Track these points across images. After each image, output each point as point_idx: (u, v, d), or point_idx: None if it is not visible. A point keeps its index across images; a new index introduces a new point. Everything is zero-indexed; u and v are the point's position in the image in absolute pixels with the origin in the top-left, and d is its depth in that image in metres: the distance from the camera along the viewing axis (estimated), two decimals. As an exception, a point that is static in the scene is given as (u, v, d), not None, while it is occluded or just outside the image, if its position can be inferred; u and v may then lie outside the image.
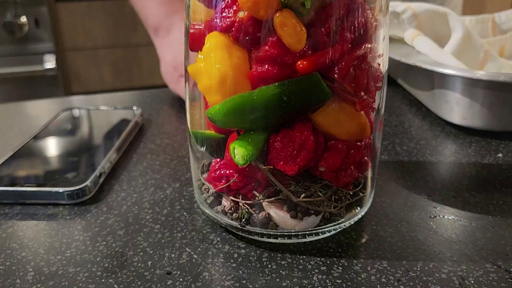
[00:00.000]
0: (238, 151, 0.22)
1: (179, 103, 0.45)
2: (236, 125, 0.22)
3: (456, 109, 0.37)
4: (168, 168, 0.33)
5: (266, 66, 0.20)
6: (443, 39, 0.41)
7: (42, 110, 0.45)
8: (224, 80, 0.21)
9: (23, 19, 1.28)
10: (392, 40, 0.44)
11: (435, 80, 0.37)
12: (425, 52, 0.38)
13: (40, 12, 1.29)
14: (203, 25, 0.23)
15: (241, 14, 0.20)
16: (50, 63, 1.32)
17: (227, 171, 0.24)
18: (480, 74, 0.34)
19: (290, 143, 0.22)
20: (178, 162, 0.34)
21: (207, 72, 0.22)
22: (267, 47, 0.20)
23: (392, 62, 0.40)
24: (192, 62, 0.24)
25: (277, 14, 0.19)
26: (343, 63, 0.21)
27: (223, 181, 0.24)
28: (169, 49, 0.45)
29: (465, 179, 0.31)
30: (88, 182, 0.29)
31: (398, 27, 0.42)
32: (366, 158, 0.24)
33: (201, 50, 0.23)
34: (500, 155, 0.34)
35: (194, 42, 0.23)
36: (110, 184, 0.31)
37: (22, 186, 0.29)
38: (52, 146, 0.35)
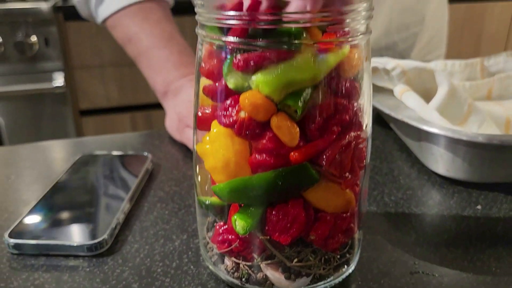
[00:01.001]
0: (239, 223, 0.25)
1: (185, 147, 0.48)
2: (238, 201, 0.26)
3: (441, 161, 0.40)
4: (176, 218, 0.37)
5: (264, 156, 0.24)
6: (431, 92, 0.44)
7: (58, 152, 0.49)
8: (227, 164, 0.25)
9: (33, 38, 1.32)
10: (383, 90, 0.48)
11: (421, 134, 0.41)
12: (412, 107, 0.42)
13: (50, 32, 1.33)
14: (210, 110, 0.26)
15: (242, 114, 0.23)
16: (58, 81, 1.36)
17: (230, 236, 0.27)
18: (460, 134, 0.37)
19: (284, 217, 0.25)
20: (185, 212, 0.37)
21: (212, 155, 0.25)
22: (264, 141, 0.24)
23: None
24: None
25: (274, 118, 0.23)
26: (330, 152, 0.24)
27: (226, 244, 0.28)
28: (175, 107, 0.49)
29: (445, 233, 0.34)
30: (105, 235, 0.33)
31: (389, 81, 0.46)
32: (352, 225, 0.28)
33: (208, 130, 0.26)
34: (479, 207, 0.38)
35: (202, 124, 0.27)
36: (124, 235, 0.34)
37: (46, 239, 0.32)
38: (70, 196, 0.39)
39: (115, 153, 0.46)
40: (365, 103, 0.26)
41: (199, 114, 0.27)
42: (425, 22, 0.69)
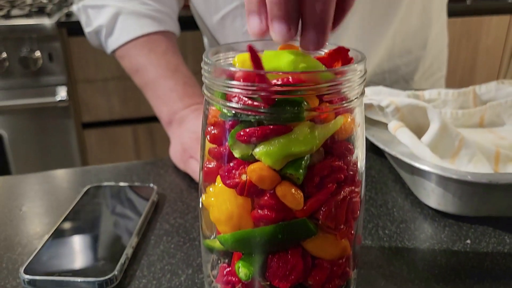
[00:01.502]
0: (242, 270, 0.27)
1: (189, 177, 0.50)
2: (242, 250, 0.28)
3: (432, 196, 0.42)
4: (182, 252, 0.39)
5: (266, 211, 0.26)
6: (423, 128, 0.46)
7: (66, 182, 0.51)
8: (231, 217, 0.27)
9: (37, 53, 1.34)
10: (378, 123, 0.50)
11: (414, 169, 0.43)
12: (405, 143, 0.44)
13: (54, 47, 1.35)
14: (215, 165, 0.28)
15: (244, 177, 0.25)
16: (62, 94, 1.38)
17: (233, 278, 0.29)
18: (451, 172, 0.39)
19: (284, 264, 0.27)
20: (190, 245, 0.39)
21: (217, 207, 0.28)
22: (266, 198, 0.26)
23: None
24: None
25: (279, 188, 0.25)
26: (326, 207, 0.26)
27: (230, 286, 0.30)
28: (180, 137, 0.51)
29: (436, 268, 0.36)
30: (115, 271, 0.35)
31: (383, 117, 0.48)
32: (347, 269, 0.30)
33: (213, 182, 0.28)
34: (468, 241, 0.40)
35: (207, 176, 0.29)
36: (133, 269, 0.36)
37: (59, 275, 0.34)
38: (80, 229, 0.41)
39: (121, 184, 0.48)
40: (359, 152, 0.28)
41: (205, 168, 0.29)
42: (427, 47, 0.72)
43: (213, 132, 0.28)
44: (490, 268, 0.37)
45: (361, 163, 0.28)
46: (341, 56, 0.28)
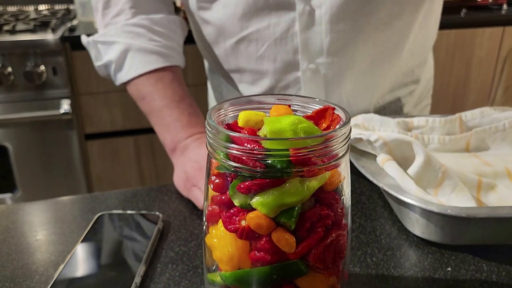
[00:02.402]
0: (241, 304, 0.31)
1: (191, 203, 0.54)
2: (241, 287, 0.31)
3: (417, 225, 0.46)
4: (186, 280, 0.42)
5: (262, 254, 0.29)
6: (409, 160, 0.50)
7: (76, 208, 0.54)
8: (231, 258, 0.30)
9: (42, 67, 1.38)
10: (368, 154, 0.53)
11: (400, 200, 0.46)
12: (392, 176, 0.47)
13: (57, 61, 1.39)
14: (218, 209, 0.32)
15: (243, 223, 0.29)
16: (65, 107, 1.42)
17: (234, 309, 0.33)
18: (432, 206, 0.43)
19: (278, 300, 0.31)
20: (193, 273, 0.43)
21: (219, 249, 0.31)
22: (263, 242, 0.29)
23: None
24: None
25: (274, 234, 0.28)
26: (315, 250, 0.30)
27: (231, 316, 0.33)
28: (183, 165, 0.55)
29: (418, 296, 0.40)
30: (126, 300, 0.38)
31: (372, 150, 0.51)
32: (335, 300, 0.33)
33: (216, 223, 0.32)
34: (449, 269, 0.43)
35: (210, 218, 0.33)
36: (141, 297, 0.40)
37: (76, 303, 0.38)
38: (93, 258, 0.44)
39: (129, 212, 0.51)
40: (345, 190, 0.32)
41: (208, 209, 0.33)
42: (420, 81, 0.76)
43: (216, 181, 0.31)
44: (467, 295, 0.40)
45: (346, 209, 0.32)
46: (327, 114, 0.31)
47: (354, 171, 0.53)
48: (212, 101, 0.86)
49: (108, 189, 1.59)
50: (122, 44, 0.61)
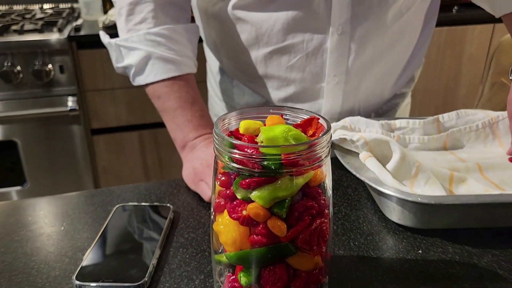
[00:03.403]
0: (243, 279, 0.38)
1: (198, 196, 0.61)
2: (242, 264, 0.38)
3: (393, 212, 0.53)
4: (195, 261, 0.49)
5: (260, 237, 0.37)
6: (388, 157, 0.57)
7: (96, 201, 0.61)
8: (235, 241, 0.37)
9: (49, 66, 1.44)
10: (353, 152, 0.60)
11: (379, 191, 0.53)
12: (373, 170, 0.54)
13: (64, 60, 1.45)
14: (223, 201, 0.39)
15: (244, 212, 0.36)
16: (72, 104, 1.48)
17: (236, 284, 0.40)
18: (406, 195, 0.50)
19: (273, 275, 0.38)
20: (201, 256, 0.50)
21: (224, 234, 0.38)
22: (260, 228, 0.36)
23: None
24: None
25: (269, 221, 0.35)
26: (302, 235, 0.37)
27: (234, 290, 0.40)
28: (192, 161, 0.62)
29: (391, 273, 0.47)
30: (145, 278, 0.45)
31: (355, 148, 0.58)
32: (320, 277, 0.40)
33: (222, 213, 0.39)
34: (420, 251, 0.50)
35: (217, 209, 0.40)
36: (157, 275, 0.47)
37: (103, 281, 0.45)
38: (115, 243, 0.51)
39: (143, 204, 0.58)
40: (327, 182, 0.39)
41: (215, 202, 0.40)
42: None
43: (222, 179, 0.38)
44: (433, 272, 0.47)
45: (328, 201, 0.39)
46: (313, 123, 0.38)
47: (341, 167, 0.60)
48: (213, 101, 0.92)
49: (114, 181, 1.67)
50: (144, 51, 0.68)
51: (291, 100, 0.76)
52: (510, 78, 0.68)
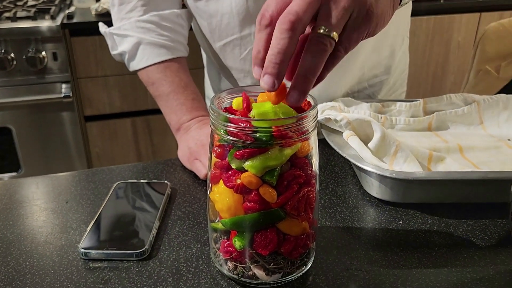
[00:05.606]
0: (237, 243, 0.42)
1: (194, 174, 0.64)
2: (236, 229, 0.42)
3: (372, 187, 0.57)
4: (192, 232, 0.53)
5: (252, 204, 0.40)
6: (369, 136, 0.61)
7: (97, 178, 0.64)
8: (229, 208, 0.41)
9: (43, 53, 1.45)
10: (337, 131, 0.64)
11: (360, 168, 0.57)
12: (354, 148, 0.58)
13: (57, 47, 1.47)
14: (219, 171, 0.42)
15: (238, 181, 0.39)
16: (65, 90, 1.50)
17: (231, 248, 0.44)
18: (383, 171, 0.54)
19: (265, 238, 0.41)
20: (197, 227, 0.54)
21: (220, 201, 0.42)
22: (252, 195, 0.40)
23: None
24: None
25: (261, 188, 0.39)
26: (291, 201, 0.40)
27: (229, 254, 0.44)
28: (186, 142, 0.65)
29: (374, 241, 0.51)
30: (146, 246, 0.49)
31: (339, 128, 0.62)
32: (308, 242, 0.44)
33: (217, 183, 0.43)
34: (400, 222, 0.54)
35: (213, 179, 0.43)
36: (157, 244, 0.51)
37: (107, 249, 0.48)
38: (117, 216, 0.54)
39: (142, 181, 0.61)
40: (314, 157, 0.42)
41: (211, 173, 0.43)
42: (391, 71, 0.85)
43: (218, 151, 0.42)
44: (412, 241, 0.51)
45: (315, 171, 0.43)
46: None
47: (329, 146, 0.64)
48: (208, 87, 0.95)
49: (108, 167, 1.69)
50: (135, 37, 0.71)
51: None
52: None
